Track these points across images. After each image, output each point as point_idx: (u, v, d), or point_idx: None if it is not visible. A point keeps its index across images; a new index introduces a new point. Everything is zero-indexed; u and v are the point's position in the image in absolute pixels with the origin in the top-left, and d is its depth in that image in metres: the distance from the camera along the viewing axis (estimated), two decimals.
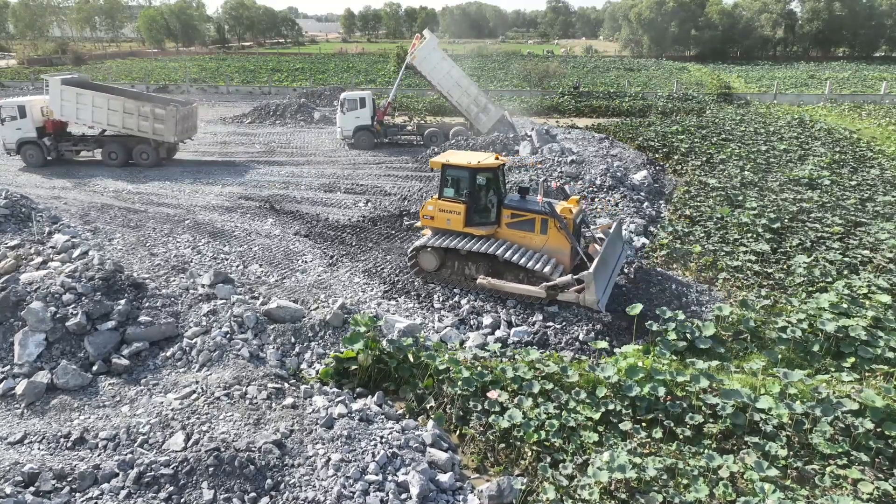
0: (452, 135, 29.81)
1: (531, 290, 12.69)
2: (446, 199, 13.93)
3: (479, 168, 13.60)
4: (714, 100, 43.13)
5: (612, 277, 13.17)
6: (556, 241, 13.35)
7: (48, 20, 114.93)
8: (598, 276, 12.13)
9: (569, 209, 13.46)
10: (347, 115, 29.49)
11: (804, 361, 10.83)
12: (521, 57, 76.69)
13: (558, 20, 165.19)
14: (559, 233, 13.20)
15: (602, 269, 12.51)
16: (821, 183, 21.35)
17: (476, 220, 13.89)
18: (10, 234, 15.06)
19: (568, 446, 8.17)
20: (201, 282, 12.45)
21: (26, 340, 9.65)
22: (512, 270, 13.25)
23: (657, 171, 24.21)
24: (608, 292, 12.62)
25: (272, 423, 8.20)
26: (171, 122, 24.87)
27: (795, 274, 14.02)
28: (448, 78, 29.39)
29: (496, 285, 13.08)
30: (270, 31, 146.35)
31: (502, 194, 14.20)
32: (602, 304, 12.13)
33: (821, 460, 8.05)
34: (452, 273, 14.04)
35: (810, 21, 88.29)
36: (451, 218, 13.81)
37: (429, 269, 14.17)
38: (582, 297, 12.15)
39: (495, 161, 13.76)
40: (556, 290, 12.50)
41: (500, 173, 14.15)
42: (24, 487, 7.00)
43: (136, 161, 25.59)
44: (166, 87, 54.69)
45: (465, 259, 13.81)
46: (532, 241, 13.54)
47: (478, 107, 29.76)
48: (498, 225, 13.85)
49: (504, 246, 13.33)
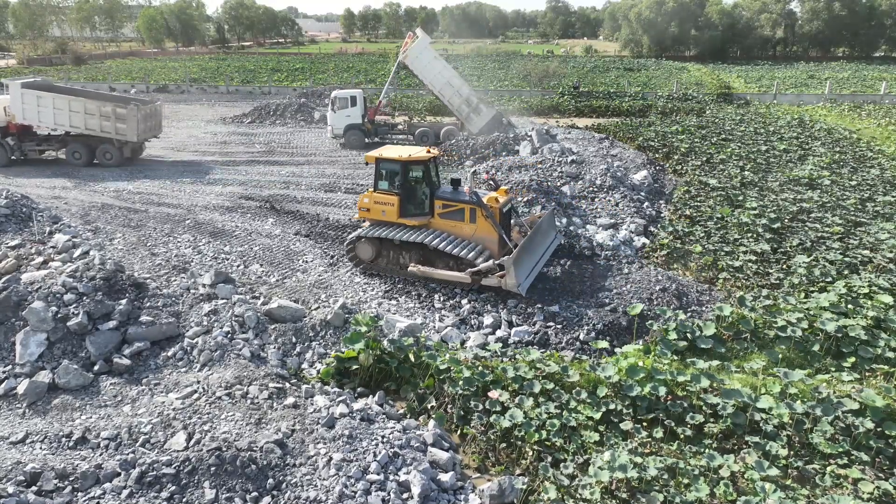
0: (443, 135, 29.81)
1: (457, 276, 13.46)
2: (381, 192, 14.65)
3: (411, 161, 14.39)
4: (714, 100, 43.12)
5: (539, 264, 13.95)
6: (485, 230, 14.10)
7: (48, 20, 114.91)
8: (520, 262, 12.89)
9: (495, 199, 14.17)
10: (338, 114, 29.38)
11: (804, 361, 10.85)
12: (521, 57, 76.73)
13: (558, 20, 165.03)
14: (486, 222, 13.92)
15: (525, 256, 13.28)
16: (821, 183, 21.37)
17: (410, 211, 14.59)
18: (11, 234, 15.07)
19: (569, 446, 8.19)
20: (202, 281, 12.46)
21: (28, 340, 9.66)
22: (442, 258, 13.92)
23: (657, 171, 24.22)
24: (532, 277, 13.39)
25: (274, 422, 8.21)
26: (132, 122, 24.87)
27: (795, 274, 14.04)
28: (440, 77, 29.33)
29: (426, 272, 13.81)
30: (270, 31, 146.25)
31: (435, 186, 14.87)
32: (523, 289, 12.85)
33: (821, 460, 8.07)
34: (388, 262, 14.69)
35: (810, 21, 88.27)
36: (386, 209, 14.55)
37: (366, 259, 14.85)
38: (504, 281, 12.81)
39: (426, 154, 14.63)
40: (480, 275, 13.17)
41: (431, 166, 14.82)
42: (26, 487, 7.01)
43: (100, 161, 25.58)
44: (166, 87, 54.69)
45: (400, 248, 14.46)
46: (463, 230, 14.30)
47: (469, 107, 29.63)
48: (431, 215, 14.55)
49: (433, 235, 14.04)
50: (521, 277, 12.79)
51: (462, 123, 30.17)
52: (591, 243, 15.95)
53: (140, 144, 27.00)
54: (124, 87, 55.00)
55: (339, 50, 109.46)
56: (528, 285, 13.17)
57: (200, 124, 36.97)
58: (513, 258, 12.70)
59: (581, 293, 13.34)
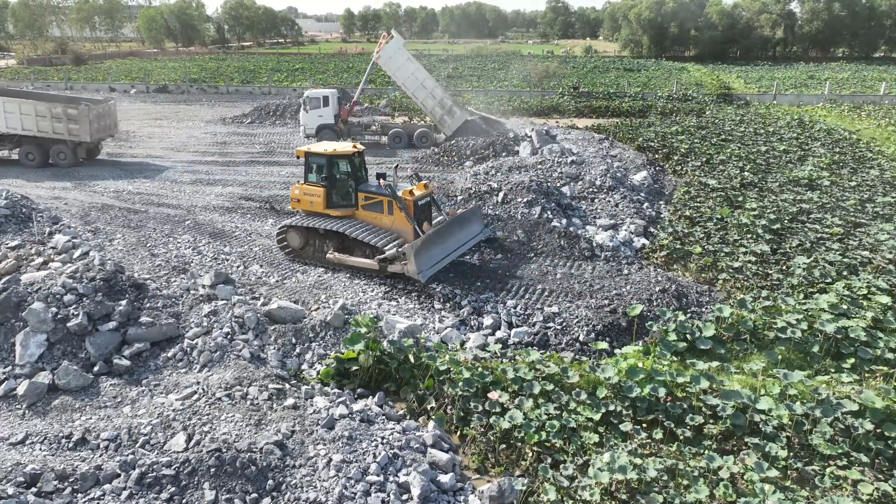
0: (417, 136, 29.81)
1: (366, 263, 14.39)
2: (310, 184, 15.66)
3: (336, 155, 15.38)
4: (714, 100, 43.14)
5: (453, 254, 14.66)
6: (401, 222, 15.01)
7: (48, 20, 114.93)
8: (424, 251, 13.74)
9: (410, 192, 15.15)
10: (310, 114, 29.25)
11: (804, 362, 10.85)
12: (521, 57, 76.75)
13: (558, 20, 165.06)
14: (401, 213, 14.83)
15: (431, 245, 14.09)
16: (820, 184, 21.38)
17: (335, 203, 15.56)
18: (11, 234, 15.07)
19: (568, 447, 8.19)
20: (202, 282, 12.46)
21: (27, 341, 9.66)
22: (360, 247, 14.74)
23: (657, 172, 24.23)
24: (439, 266, 14.11)
25: (273, 423, 8.22)
26: (84, 122, 24.85)
27: (795, 275, 14.04)
28: (413, 79, 29.26)
29: (341, 259, 14.78)
30: (270, 31, 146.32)
31: (361, 179, 15.79)
32: (424, 276, 13.56)
33: (821, 461, 8.08)
34: (314, 250, 15.54)
35: (810, 21, 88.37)
36: (314, 200, 15.54)
37: (295, 247, 15.74)
38: (406, 268, 13.61)
39: (352, 149, 15.53)
40: (387, 262, 14.01)
41: (355, 160, 15.60)
42: (25, 488, 7.01)
43: (55, 161, 25.51)
44: (166, 87, 54.71)
45: (324, 237, 15.34)
46: (382, 221, 15.26)
47: (443, 109, 29.51)
48: (356, 207, 15.52)
49: (351, 225, 14.94)
50: (423, 265, 13.60)
51: (435, 126, 30.11)
52: (591, 244, 15.95)
53: (96, 145, 26.94)
54: (124, 87, 55.08)
55: (338, 50, 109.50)
56: (432, 273, 13.84)
57: (200, 125, 36.98)
58: (413, 246, 13.53)
59: (581, 294, 13.35)
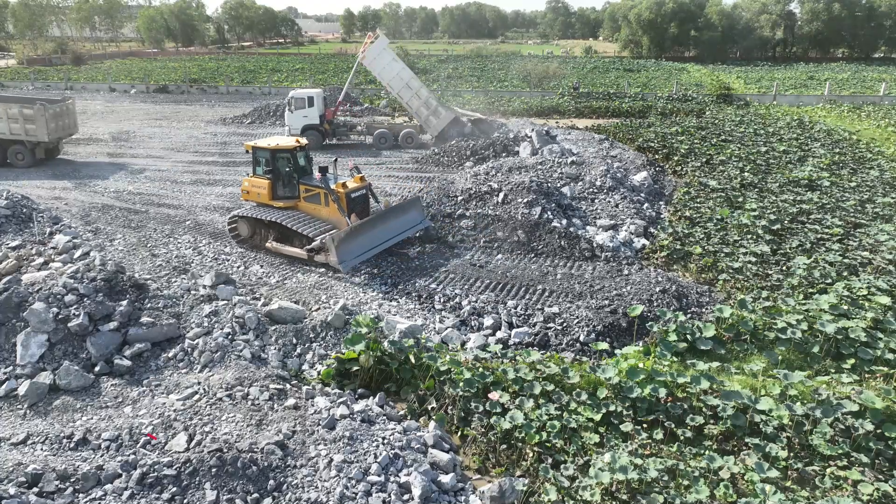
0: (402, 137, 29.83)
1: (297, 252, 15.19)
2: (257, 177, 16.53)
3: (278, 149, 16.17)
4: (714, 101, 43.14)
5: (381, 245, 15.35)
6: (336, 213, 15.67)
7: (47, 20, 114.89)
8: (348, 241, 14.45)
9: (342, 184, 15.82)
10: (295, 114, 29.09)
11: (804, 363, 10.86)
12: (521, 57, 76.72)
13: (558, 21, 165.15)
14: (334, 205, 15.55)
15: (357, 236, 14.80)
16: (820, 184, 21.39)
17: (279, 194, 16.39)
18: (12, 234, 15.08)
19: (569, 447, 8.21)
20: (203, 283, 12.47)
21: (28, 341, 9.67)
22: (297, 237, 15.34)
23: (657, 173, 24.24)
24: (363, 257, 14.84)
25: (274, 423, 8.23)
26: (41, 122, 24.86)
27: (795, 275, 14.05)
28: (398, 80, 29.21)
29: (277, 248, 15.66)
30: (270, 31, 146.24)
31: (305, 173, 16.58)
32: (345, 266, 14.33)
33: (821, 461, 8.09)
34: (261, 239, 16.33)
35: (810, 22, 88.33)
36: (260, 192, 16.40)
37: (244, 236, 16.66)
38: (328, 258, 14.39)
39: (294, 143, 16.33)
40: (314, 252, 14.72)
41: (297, 154, 16.37)
42: (27, 488, 7.03)
43: (13, 162, 25.49)
44: (166, 87, 54.69)
45: (268, 227, 16.07)
46: (321, 212, 16.01)
47: (428, 109, 29.47)
48: (299, 199, 16.29)
49: (290, 215, 15.65)
50: (345, 256, 14.30)
51: (420, 126, 30.08)
52: (591, 244, 15.96)
53: (55, 145, 26.86)
54: (124, 87, 55.06)
55: (338, 50, 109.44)
56: (355, 263, 14.60)
57: (200, 125, 36.97)
58: (334, 237, 14.31)
59: (581, 294, 13.36)
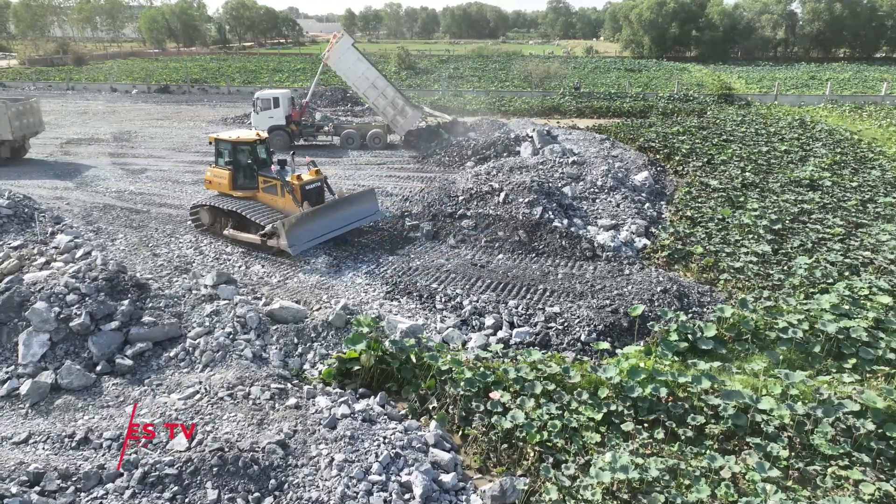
0: (370, 137, 29.70)
1: (252, 238, 15.99)
2: (219, 167, 17.37)
3: (238, 142, 16.94)
4: (715, 101, 43.12)
5: (333, 232, 16.14)
6: (290, 203, 16.44)
7: (49, 20, 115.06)
8: (297, 227, 15.19)
9: (297, 176, 16.53)
10: (261, 115, 28.85)
11: (805, 363, 10.86)
12: (522, 58, 76.74)
13: (559, 21, 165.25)
14: (289, 196, 16.35)
15: (307, 224, 15.54)
16: (822, 184, 21.38)
17: (240, 185, 17.14)
18: (14, 234, 15.09)
19: (570, 447, 8.21)
20: (204, 282, 12.48)
21: (30, 341, 9.68)
22: (253, 225, 16.04)
23: (658, 172, 24.23)
24: (313, 242, 15.64)
25: (275, 423, 8.23)
26: (3, 120, 24.92)
27: (796, 275, 14.05)
28: (364, 79, 29.07)
29: (234, 235, 16.47)
30: (271, 32, 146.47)
31: (264, 165, 17.21)
32: (295, 250, 15.09)
33: (822, 461, 8.09)
34: (221, 227, 17.03)
35: (811, 22, 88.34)
36: (222, 182, 17.18)
37: (206, 224, 17.47)
38: (279, 242, 15.11)
39: (254, 136, 17.12)
40: (266, 237, 15.46)
41: (257, 147, 17.15)
42: (29, 487, 7.03)
43: None
44: (167, 87, 54.76)
45: (227, 216, 16.83)
46: (277, 202, 16.78)
47: (395, 109, 29.26)
48: (258, 189, 17.01)
49: (246, 205, 16.42)
50: (295, 240, 15.08)
51: (388, 126, 29.97)
52: (593, 244, 15.96)
53: (21, 143, 26.77)
54: (125, 87, 55.15)
55: None
56: (305, 248, 15.40)
57: (202, 125, 37.00)
58: (284, 222, 15.06)
59: (582, 294, 13.36)
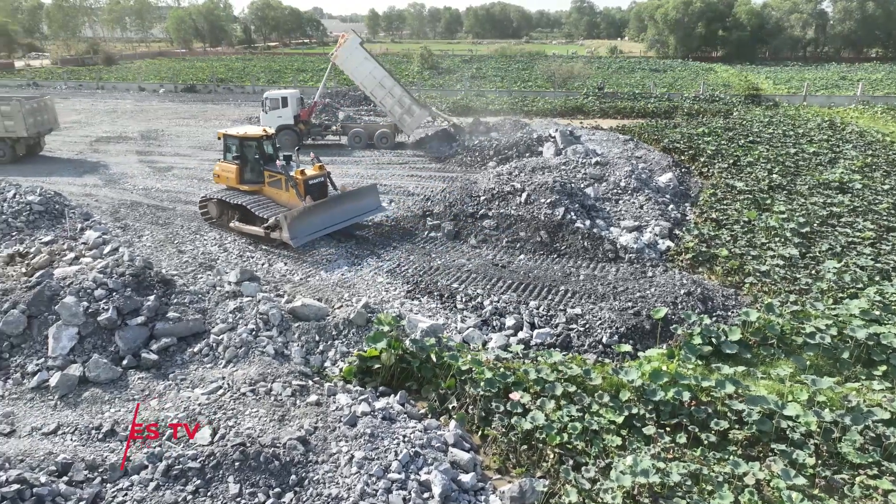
0: (377, 137, 29.77)
1: (256, 230, 16.39)
2: (227, 162, 17.81)
3: (246, 137, 17.42)
4: (742, 101, 42.44)
5: (335, 226, 16.58)
6: (293, 197, 16.84)
7: (80, 21, 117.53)
8: (299, 220, 15.61)
9: (301, 171, 16.94)
10: (269, 115, 29.06)
11: (833, 369, 10.64)
12: (546, 57, 76.36)
13: (583, 20, 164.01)
14: (292, 190, 16.78)
15: (309, 217, 15.98)
16: (852, 187, 20.92)
17: (246, 179, 17.56)
18: (45, 230, 15.45)
19: (590, 449, 8.14)
20: (228, 279, 12.65)
21: (60, 334, 9.90)
22: (258, 218, 16.46)
23: (683, 174, 23.93)
24: (315, 235, 16.12)
25: (296, 419, 8.30)
26: (18, 118, 25.40)
27: (825, 279, 13.76)
28: (371, 78, 29.15)
29: (239, 227, 16.93)
30: (296, 32, 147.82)
31: (270, 160, 17.67)
32: (296, 242, 15.52)
33: (850, 470, 7.91)
34: (228, 220, 17.50)
35: (842, 21, 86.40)
36: (230, 177, 17.63)
37: (214, 216, 17.99)
38: (281, 234, 15.55)
39: (261, 133, 17.61)
40: (270, 229, 15.89)
41: (264, 142, 17.60)
42: (57, 477, 7.20)
43: None
44: (194, 86, 55.56)
45: (234, 209, 17.26)
46: (281, 196, 17.18)
47: (402, 108, 29.29)
48: (263, 184, 17.48)
49: (252, 198, 16.93)
50: (296, 233, 15.47)
51: (395, 125, 30.01)
52: (615, 246, 15.82)
53: (36, 141, 27.34)
54: (153, 86, 56.07)
55: None
56: (306, 241, 15.83)
57: (227, 123, 37.42)
58: (287, 215, 15.50)
59: (604, 296, 13.25)
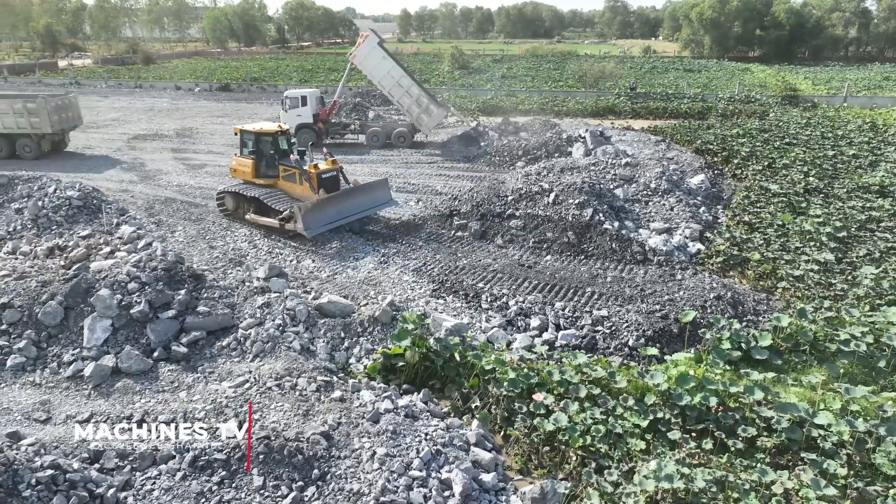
0: (395, 136, 29.81)
1: (271, 222, 16.84)
2: (243, 157, 18.35)
3: (261, 133, 18.04)
4: (778, 102, 41.44)
5: (347, 217, 17.05)
6: (306, 190, 17.32)
7: (121, 21, 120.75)
8: (314, 213, 16.04)
9: (314, 165, 17.41)
10: (289, 114, 29.28)
11: (868, 377, 10.32)
12: (577, 57, 75.70)
13: (616, 20, 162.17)
14: (306, 183, 17.24)
15: (324, 209, 16.42)
16: (893, 191, 20.26)
17: (262, 173, 18.13)
18: (83, 224, 15.93)
19: (614, 453, 8.06)
20: (257, 275, 12.86)
21: (94, 325, 10.21)
22: (272, 210, 16.99)
23: (715, 176, 23.49)
24: (329, 227, 16.54)
25: (321, 414, 8.40)
26: (44, 114, 25.92)
27: (861, 285, 13.36)
28: (389, 78, 29.20)
29: (254, 219, 17.38)
30: (328, 32, 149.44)
31: (285, 155, 18.11)
32: (310, 233, 15.96)
33: (884, 482, 7.67)
34: (244, 212, 17.93)
35: (886, 20, 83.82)
36: (245, 171, 18.20)
37: (230, 209, 18.44)
38: (296, 226, 15.93)
39: (276, 128, 18.23)
40: (285, 221, 16.39)
41: (279, 138, 18.18)
42: (89, 464, 7.42)
43: (21, 155, 26.47)
44: (228, 86, 56.57)
45: (250, 201, 17.73)
46: (295, 190, 17.64)
47: (419, 107, 29.25)
48: (278, 177, 17.98)
49: (267, 192, 17.43)
50: (310, 224, 15.87)
51: (413, 124, 29.98)
52: (644, 248, 15.62)
53: (61, 137, 27.94)
54: (189, 85, 57.26)
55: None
56: (320, 232, 16.28)
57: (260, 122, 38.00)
58: (301, 207, 15.89)
59: (631, 298, 13.09)
